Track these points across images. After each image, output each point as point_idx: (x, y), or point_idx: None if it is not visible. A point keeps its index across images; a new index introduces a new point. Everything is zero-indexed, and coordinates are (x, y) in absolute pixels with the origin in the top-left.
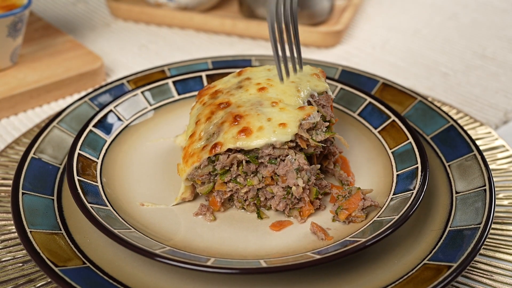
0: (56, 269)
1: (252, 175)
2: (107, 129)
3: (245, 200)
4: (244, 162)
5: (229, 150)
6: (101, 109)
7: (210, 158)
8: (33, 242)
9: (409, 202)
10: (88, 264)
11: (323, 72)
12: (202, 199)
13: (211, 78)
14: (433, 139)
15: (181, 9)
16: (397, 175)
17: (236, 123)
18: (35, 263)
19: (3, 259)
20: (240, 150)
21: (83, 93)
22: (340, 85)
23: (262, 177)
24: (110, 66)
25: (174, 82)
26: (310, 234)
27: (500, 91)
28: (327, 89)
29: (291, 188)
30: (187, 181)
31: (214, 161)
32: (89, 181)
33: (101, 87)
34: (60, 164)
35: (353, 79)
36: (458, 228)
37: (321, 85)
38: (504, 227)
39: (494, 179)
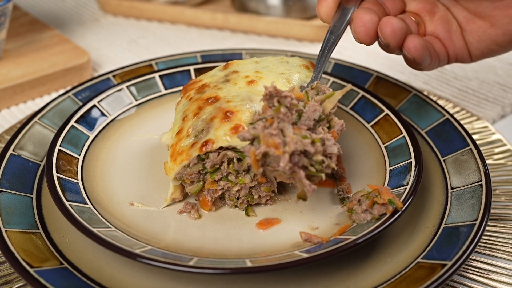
0: (30, 270)
1: (243, 173)
2: (90, 124)
3: (238, 198)
4: (235, 160)
5: (220, 147)
6: (84, 104)
7: (200, 156)
8: (8, 242)
9: (402, 198)
10: (65, 264)
11: (312, 63)
12: (192, 198)
13: (199, 72)
14: (428, 133)
15: (171, 4)
16: (390, 170)
17: (227, 119)
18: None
19: None
20: (231, 148)
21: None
22: (332, 79)
23: (254, 174)
24: (98, 61)
25: (161, 77)
26: (298, 232)
27: (497, 84)
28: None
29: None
30: (175, 181)
31: (204, 159)
32: (69, 178)
33: (86, 81)
34: (41, 161)
35: (346, 72)
36: (453, 225)
37: (311, 76)
38: (501, 223)
39: (491, 174)
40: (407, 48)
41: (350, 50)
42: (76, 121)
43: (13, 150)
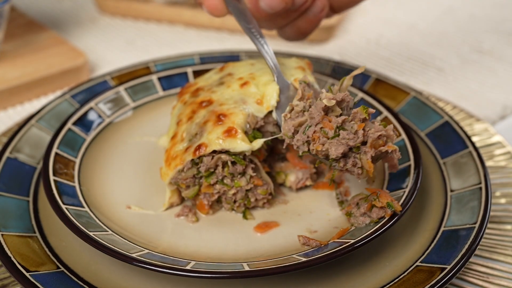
0: (27, 274)
1: (239, 176)
2: (87, 127)
3: (235, 202)
4: (229, 163)
5: (214, 151)
6: (81, 106)
7: (194, 160)
8: (4, 246)
9: (401, 201)
10: (62, 268)
11: (310, 64)
12: (190, 202)
13: (197, 74)
14: (427, 135)
15: (169, 4)
16: (389, 173)
17: (221, 122)
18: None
19: None
20: (225, 151)
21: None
22: (331, 80)
23: (250, 177)
24: (96, 62)
25: (159, 78)
26: (296, 235)
27: (497, 86)
28: (313, 83)
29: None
30: (171, 185)
31: (198, 163)
32: (65, 182)
33: (83, 83)
34: (38, 164)
35: (345, 74)
36: (453, 228)
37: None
38: (501, 226)
39: (491, 177)
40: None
41: (351, 52)
42: (73, 124)
43: (9, 153)
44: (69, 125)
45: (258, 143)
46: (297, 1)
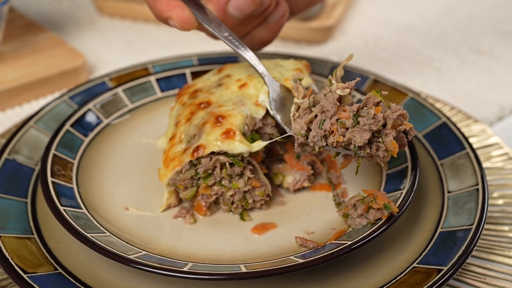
0: (24, 275)
1: (237, 178)
2: (85, 128)
3: (232, 203)
4: (227, 164)
5: (212, 152)
6: (79, 108)
7: (192, 161)
8: (2, 247)
9: (398, 202)
10: (60, 270)
11: (308, 65)
12: (187, 203)
13: (195, 75)
14: (425, 136)
15: None
16: (387, 174)
17: (219, 124)
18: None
19: None
20: (223, 152)
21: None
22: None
23: (248, 178)
24: (94, 63)
25: (157, 80)
26: (293, 237)
27: (495, 87)
28: (311, 85)
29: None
30: (169, 187)
31: (196, 165)
32: (63, 183)
33: (82, 85)
34: (36, 165)
35: (343, 75)
36: (450, 229)
37: (304, 81)
38: (498, 227)
39: (489, 178)
40: (281, 7)
41: (349, 53)
42: (71, 125)
43: (8, 154)
44: (67, 126)
45: (259, 145)
46: (264, 3)
